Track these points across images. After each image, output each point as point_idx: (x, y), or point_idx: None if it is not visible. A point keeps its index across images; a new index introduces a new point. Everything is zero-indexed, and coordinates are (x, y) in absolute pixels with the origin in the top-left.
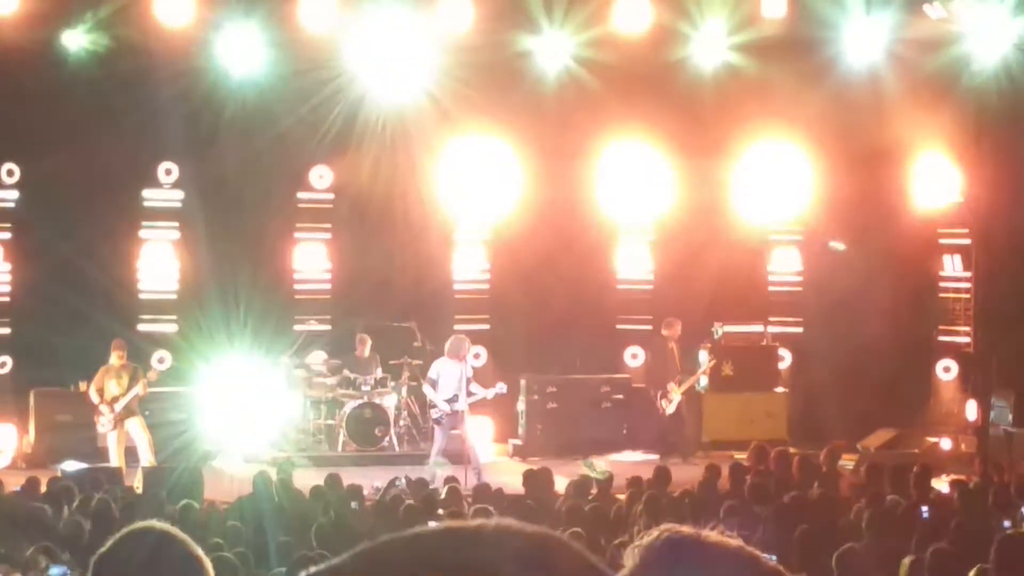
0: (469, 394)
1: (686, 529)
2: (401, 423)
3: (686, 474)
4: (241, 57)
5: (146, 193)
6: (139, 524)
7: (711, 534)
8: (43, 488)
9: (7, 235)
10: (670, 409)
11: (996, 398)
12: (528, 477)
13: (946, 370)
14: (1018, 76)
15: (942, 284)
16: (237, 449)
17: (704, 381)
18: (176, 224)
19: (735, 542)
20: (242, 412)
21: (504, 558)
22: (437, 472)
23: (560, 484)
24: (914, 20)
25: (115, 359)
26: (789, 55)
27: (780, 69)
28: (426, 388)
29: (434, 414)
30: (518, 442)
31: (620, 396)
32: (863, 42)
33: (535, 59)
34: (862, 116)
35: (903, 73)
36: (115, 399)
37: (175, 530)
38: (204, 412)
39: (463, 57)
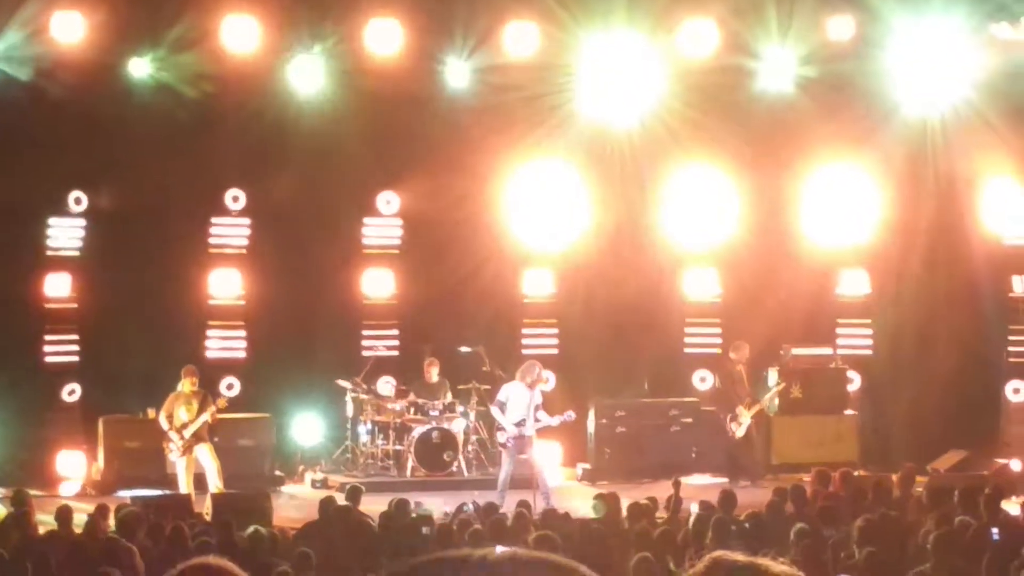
0: (537, 420)
1: (736, 555)
2: (469, 448)
3: (755, 497)
4: (307, 83)
5: (214, 219)
6: (196, 560)
7: (762, 560)
8: (112, 516)
9: (76, 262)
10: (740, 432)
11: None
12: (598, 501)
13: (1016, 391)
14: None
15: (1012, 305)
16: (306, 475)
17: (774, 404)
18: (244, 251)
19: (785, 568)
20: (311, 438)
21: None
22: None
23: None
24: (984, 42)
25: (186, 385)
26: (856, 77)
27: (846, 91)
28: (494, 411)
29: (500, 438)
30: (587, 466)
31: (689, 419)
32: (933, 65)
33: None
34: (930, 138)
35: (973, 98)
36: (184, 426)
37: (230, 565)
38: (272, 438)
39: (527, 80)
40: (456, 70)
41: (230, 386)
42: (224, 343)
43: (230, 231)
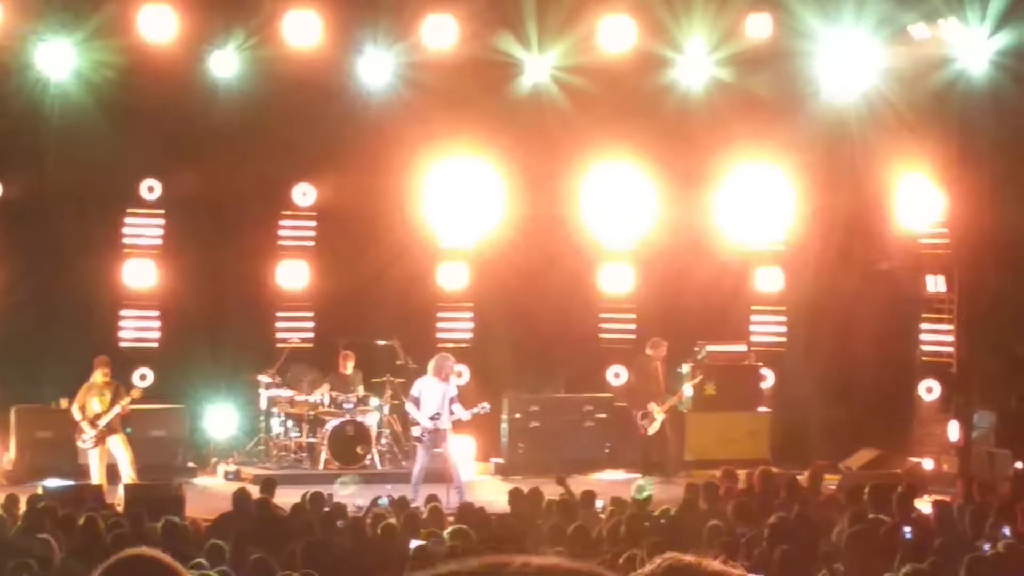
0: (451, 413)
1: (687, 557)
2: (383, 441)
3: (668, 493)
4: (227, 72)
5: (129, 210)
6: (130, 551)
7: (712, 563)
8: (22, 506)
9: None
10: (652, 429)
11: (978, 418)
12: (514, 496)
13: (928, 390)
14: (1001, 95)
15: (925, 304)
16: (218, 466)
17: (687, 400)
18: (159, 239)
19: (737, 571)
20: (223, 429)
21: None
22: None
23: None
24: (899, 41)
25: (99, 376)
26: (773, 76)
27: (764, 90)
28: (408, 406)
29: (415, 432)
30: (500, 461)
31: (603, 415)
32: (848, 63)
33: (519, 79)
34: (844, 137)
35: (886, 95)
36: (97, 416)
37: (165, 557)
38: (185, 429)
39: (447, 75)
40: (374, 63)
41: (143, 376)
42: (138, 333)
43: (145, 221)
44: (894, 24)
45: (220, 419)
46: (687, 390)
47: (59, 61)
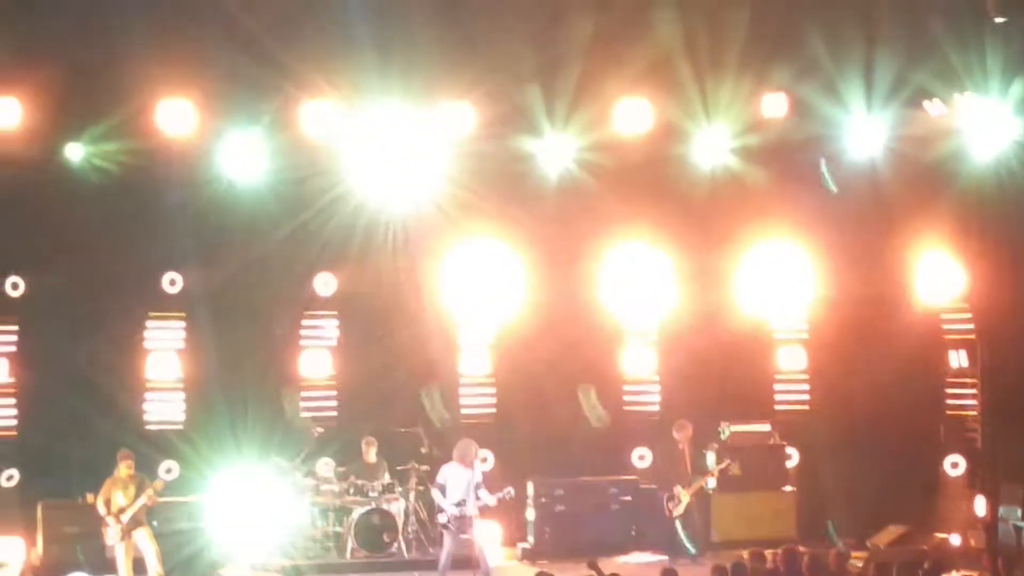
0: (477, 499)
1: None
2: (410, 529)
3: (696, 575)
4: (244, 165)
5: (152, 304)
6: None
7: None
8: None
9: (12, 348)
10: (678, 511)
11: (1004, 493)
12: None
13: (954, 466)
14: (1017, 171)
15: (948, 379)
16: (245, 558)
17: (712, 482)
18: (182, 333)
19: None
20: (250, 520)
21: None
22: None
23: None
24: (914, 117)
25: (122, 470)
26: (790, 154)
27: (781, 168)
28: (434, 493)
29: (441, 519)
30: (527, 545)
31: (628, 497)
32: (864, 140)
33: (537, 162)
34: (864, 214)
35: (904, 170)
36: (122, 510)
37: None
38: (212, 521)
39: (465, 162)
40: (388, 150)
41: (169, 469)
42: (163, 426)
43: (168, 314)
44: (909, 100)
45: (246, 510)
46: (711, 482)
47: (79, 156)
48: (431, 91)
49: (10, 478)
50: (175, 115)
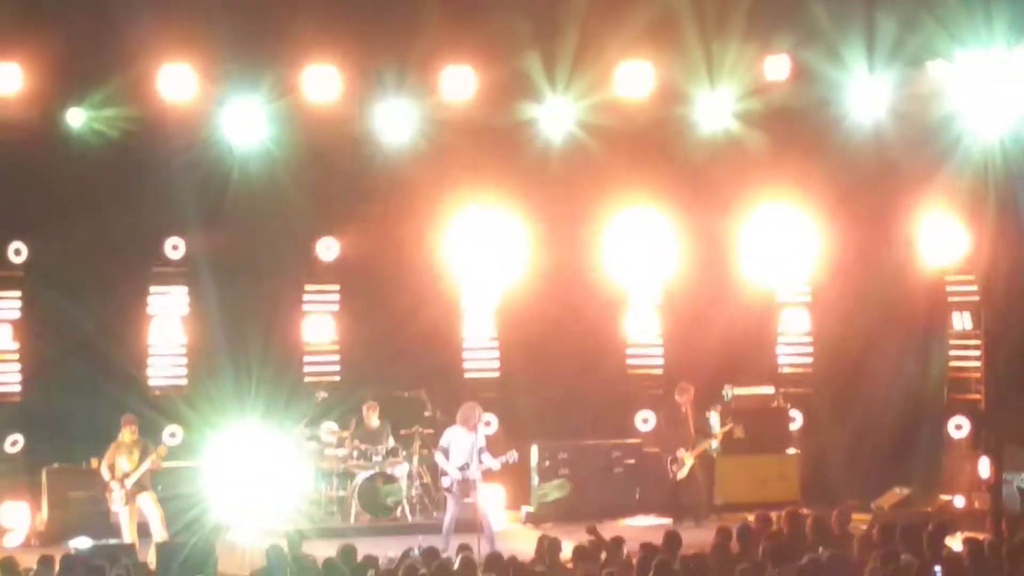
0: (481, 463)
1: None
2: (413, 492)
3: (699, 538)
4: (245, 129)
5: (154, 268)
6: None
7: None
8: (57, 566)
9: (16, 314)
10: (681, 474)
11: (1008, 455)
12: (540, 544)
13: (958, 427)
14: (1021, 132)
15: (952, 341)
16: (249, 522)
17: (716, 444)
18: (185, 298)
19: None
20: (254, 485)
21: None
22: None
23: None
24: (917, 77)
25: (126, 435)
26: (793, 116)
27: (784, 130)
28: (438, 456)
29: (445, 482)
30: (530, 509)
31: (632, 461)
32: (867, 101)
33: (539, 126)
34: (867, 175)
35: (907, 132)
36: (126, 475)
37: None
38: (216, 486)
39: (468, 126)
40: (394, 116)
41: (172, 434)
42: (166, 391)
43: (170, 279)
44: (911, 61)
45: (250, 475)
46: (715, 445)
47: (81, 121)
48: (432, 57)
49: (15, 443)
50: (176, 80)
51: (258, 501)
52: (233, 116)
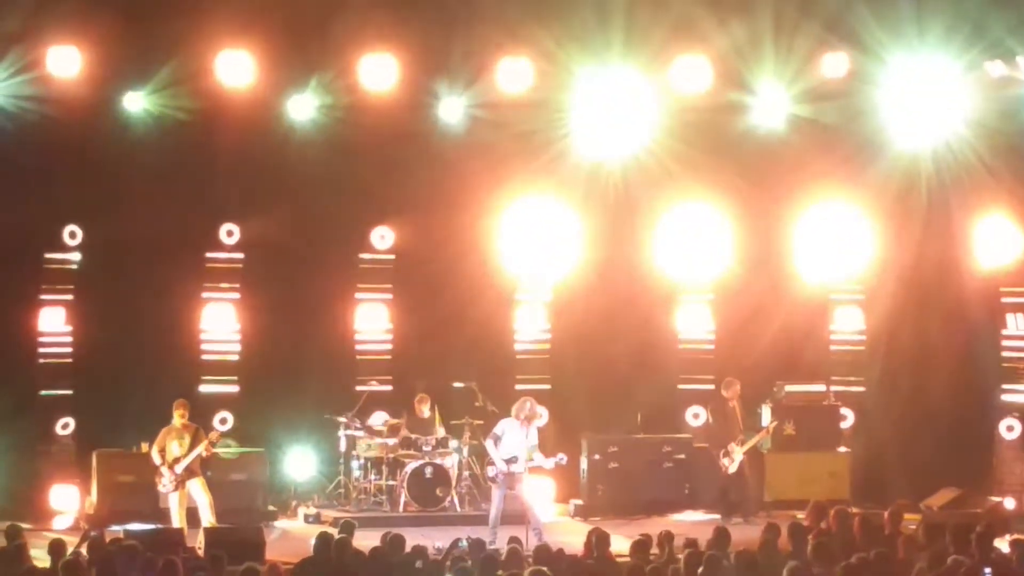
0: (530, 459)
1: None
2: (463, 483)
3: (748, 534)
4: (302, 117)
5: (208, 254)
6: None
7: None
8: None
9: (70, 296)
10: (732, 468)
11: None
12: (589, 538)
13: (1009, 429)
14: None
15: (1005, 343)
16: (298, 510)
17: (767, 441)
18: (237, 285)
19: None
20: (303, 473)
21: None
22: None
23: (622, 544)
24: (977, 79)
25: (177, 419)
26: (849, 115)
27: (840, 129)
28: (488, 443)
29: (490, 471)
30: (579, 502)
31: (682, 456)
32: (925, 101)
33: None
34: (923, 175)
35: (965, 133)
36: (176, 460)
37: None
38: (265, 473)
39: (522, 115)
40: (450, 105)
41: (223, 420)
42: (218, 377)
43: (224, 266)
44: (973, 61)
45: (299, 462)
46: (766, 442)
47: (139, 106)
48: (489, 47)
49: (65, 426)
50: (235, 66)
51: (307, 489)
52: (290, 104)
